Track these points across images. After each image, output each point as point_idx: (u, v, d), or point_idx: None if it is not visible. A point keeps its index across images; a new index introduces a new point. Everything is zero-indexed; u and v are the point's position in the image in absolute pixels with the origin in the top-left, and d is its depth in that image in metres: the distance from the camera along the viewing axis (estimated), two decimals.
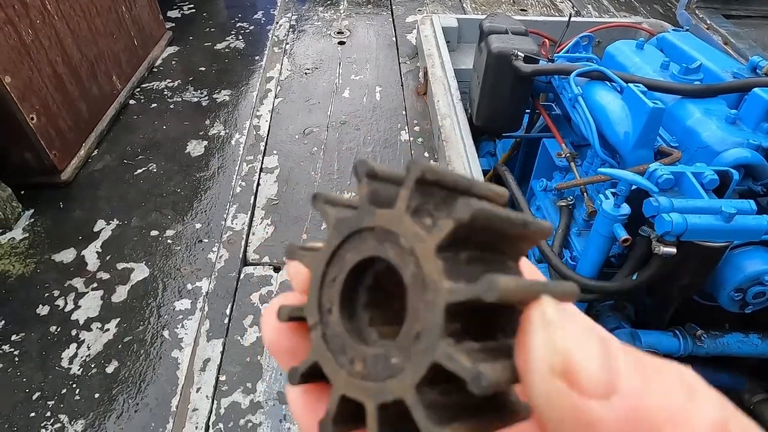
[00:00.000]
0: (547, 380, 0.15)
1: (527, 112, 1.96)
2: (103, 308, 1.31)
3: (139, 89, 2.17)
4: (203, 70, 2.32)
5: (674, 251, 1.17)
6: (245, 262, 1.44)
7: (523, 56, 1.63)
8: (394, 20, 2.78)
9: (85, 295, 1.34)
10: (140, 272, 1.40)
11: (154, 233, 1.52)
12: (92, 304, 1.32)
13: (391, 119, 2.02)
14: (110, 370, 1.18)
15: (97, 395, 1.13)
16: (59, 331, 1.25)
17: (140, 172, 1.76)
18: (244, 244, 1.47)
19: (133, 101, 2.11)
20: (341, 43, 2.56)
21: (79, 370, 1.17)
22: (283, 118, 2.02)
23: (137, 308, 1.31)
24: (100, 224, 1.55)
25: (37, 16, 1.56)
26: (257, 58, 2.41)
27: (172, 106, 2.09)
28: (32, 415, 1.09)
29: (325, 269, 0.20)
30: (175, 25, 2.65)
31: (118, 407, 1.11)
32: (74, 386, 1.14)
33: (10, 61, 1.43)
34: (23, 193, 1.60)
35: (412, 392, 0.16)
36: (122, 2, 2.07)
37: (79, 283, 1.37)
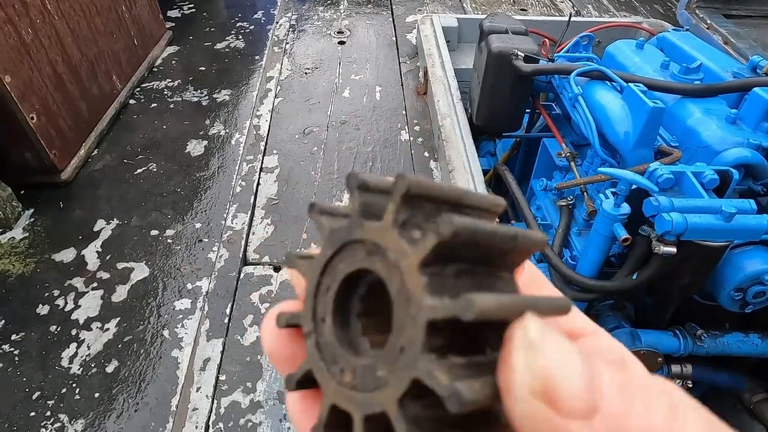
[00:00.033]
0: (527, 401, 0.15)
1: (527, 111, 1.96)
2: (103, 308, 1.31)
3: (139, 89, 2.17)
4: (203, 69, 2.32)
5: (674, 251, 1.17)
6: (245, 261, 1.44)
7: (523, 56, 1.63)
8: (394, 20, 2.78)
9: (85, 294, 1.34)
10: (140, 272, 1.40)
11: (154, 233, 1.52)
12: (92, 303, 1.32)
13: (391, 119, 2.02)
14: (110, 369, 1.18)
15: (97, 395, 1.13)
16: (59, 330, 1.25)
17: (140, 171, 1.76)
18: (244, 243, 1.47)
19: (133, 101, 2.11)
20: (341, 42, 2.56)
21: (79, 369, 1.17)
22: (283, 117, 2.02)
23: (137, 308, 1.31)
24: (100, 224, 1.55)
25: (37, 15, 1.56)
26: (257, 57, 2.41)
27: (172, 105, 2.09)
28: (32, 414, 1.09)
29: (319, 278, 0.20)
30: (175, 24, 2.65)
31: (118, 407, 1.11)
32: (74, 386, 1.14)
33: (10, 60, 1.43)
34: (23, 192, 1.60)
35: (395, 406, 0.16)
36: (122, 2, 2.07)
37: (79, 282, 1.37)
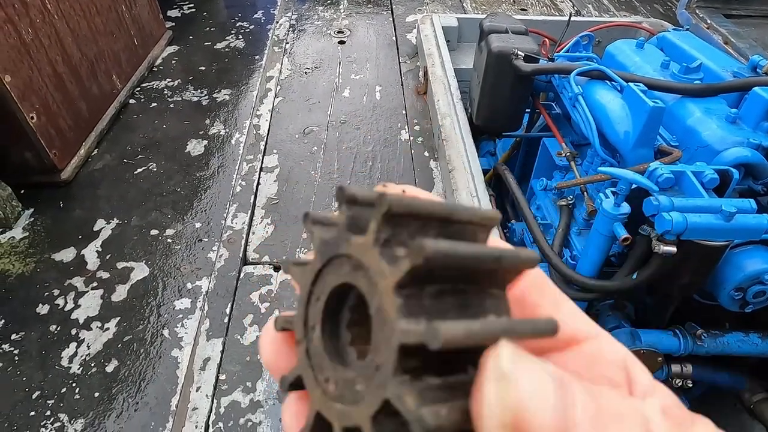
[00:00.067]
0: None
1: (527, 111, 1.96)
2: (103, 307, 1.31)
3: (139, 88, 2.17)
4: (203, 69, 2.32)
5: (674, 250, 1.17)
6: (245, 261, 1.44)
7: (523, 55, 1.63)
8: (394, 20, 2.78)
9: (85, 294, 1.34)
10: (140, 271, 1.40)
11: (154, 232, 1.52)
12: (92, 303, 1.32)
13: (391, 118, 2.02)
14: (110, 369, 1.17)
15: (96, 394, 1.13)
16: (59, 330, 1.25)
17: (140, 171, 1.76)
18: (244, 243, 1.47)
19: (133, 100, 2.11)
20: (341, 42, 2.56)
21: (78, 369, 1.17)
22: (283, 117, 2.02)
23: (137, 307, 1.31)
24: (100, 223, 1.55)
25: (37, 15, 1.56)
26: (257, 57, 2.41)
27: (172, 105, 2.09)
28: (32, 414, 1.09)
29: (311, 288, 0.21)
30: (175, 24, 2.65)
31: (117, 406, 1.11)
32: (74, 385, 1.14)
33: (10, 60, 1.43)
34: (23, 192, 1.60)
35: (368, 423, 0.17)
36: (122, 1, 2.07)
37: (79, 282, 1.37)
